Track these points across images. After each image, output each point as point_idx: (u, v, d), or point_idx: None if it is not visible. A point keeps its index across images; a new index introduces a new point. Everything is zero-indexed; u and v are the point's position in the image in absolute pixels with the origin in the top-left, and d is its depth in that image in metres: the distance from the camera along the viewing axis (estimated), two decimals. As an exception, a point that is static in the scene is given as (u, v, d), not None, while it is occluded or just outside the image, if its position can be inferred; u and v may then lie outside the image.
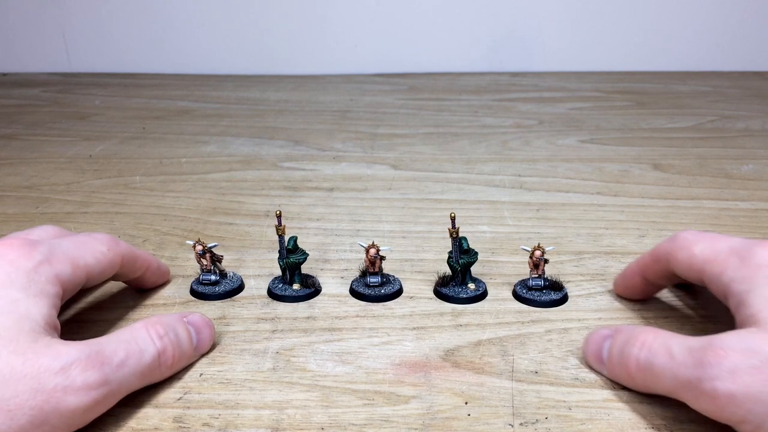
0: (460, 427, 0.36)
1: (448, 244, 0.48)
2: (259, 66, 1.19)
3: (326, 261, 0.54)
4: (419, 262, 0.53)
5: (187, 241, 0.52)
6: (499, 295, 0.49)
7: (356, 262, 0.53)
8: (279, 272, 0.51)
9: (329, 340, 0.44)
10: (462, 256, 0.48)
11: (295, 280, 0.49)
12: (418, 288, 0.50)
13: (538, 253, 0.47)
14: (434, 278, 0.50)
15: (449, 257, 0.48)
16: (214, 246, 0.49)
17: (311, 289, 0.49)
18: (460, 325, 0.45)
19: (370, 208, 0.64)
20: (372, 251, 0.48)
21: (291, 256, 0.48)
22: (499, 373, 0.40)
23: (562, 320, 0.46)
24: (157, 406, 0.37)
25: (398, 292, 0.49)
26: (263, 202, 0.65)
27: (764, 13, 1.15)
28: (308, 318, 0.46)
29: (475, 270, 0.51)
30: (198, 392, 0.39)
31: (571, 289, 0.49)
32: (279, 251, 0.49)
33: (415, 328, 0.45)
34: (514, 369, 0.41)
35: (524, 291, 0.48)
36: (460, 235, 0.48)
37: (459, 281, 0.49)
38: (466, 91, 1.06)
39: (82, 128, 0.89)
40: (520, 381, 0.39)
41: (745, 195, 0.66)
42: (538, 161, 0.75)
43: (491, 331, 0.44)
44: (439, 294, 0.49)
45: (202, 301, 0.48)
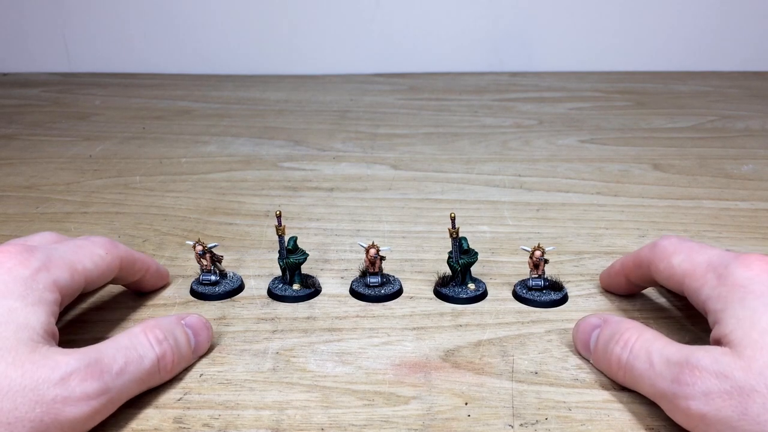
0: (460, 428, 0.36)
1: (448, 244, 0.48)
2: (259, 66, 1.19)
3: (326, 261, 0.54)
4: (419, 262, 0.53)
5: (187, 242, 0.52)
6: (499, 296, 0.49)
7: (356, 262, 0.53)
8: (279, 272, 0.51)
9: (329, 340, 0.44)
10: (462, 256, 0.48)
11: (295, 280, 0.49)
12: (418, 288, 0.50)
13: (538, 253, 0.47)
14: (434, 278, 0.50)
15: (449, 257, 0.48)
16: (214, 246, 0.49)
17: (311, 289, 0.49)
18: (460, 326, 0.45)
19: (370, 208, 0.64)
20: (372, 251, 0.48)
21: (291, 257, 0.48)
22: (499, 373, 0.40)
23: (562, 320, 0.46)
24: (157, 407, 0.37)
25: (398, 293, 0.49)
26: (263, 202, 0.65)
27: (764, 13, 1.15)
28: (308, 318, 0.46)
29: (475, 270, 0.51)
30: (198, 393, 0.39)
31: (571, 289, 0.49)
32: (279, 251, 0.49)
33: (415, 329, 0.45)
34: (514, 369, 0.41)
35: (524, 291, 0.48)
36: (460, 235, 0.48)
37: (459, 281, 0.49)
38: (466, 91, 1.06)
39: (82, 128, 0.89)
40: (520, 381, 0.39)
41: (745, 195, 0.66)
42: (538, 161, 0.75)
43: (491, 332, 0.44)
44: (439, 294, 0.49)
45: (202, 301, 0.48)
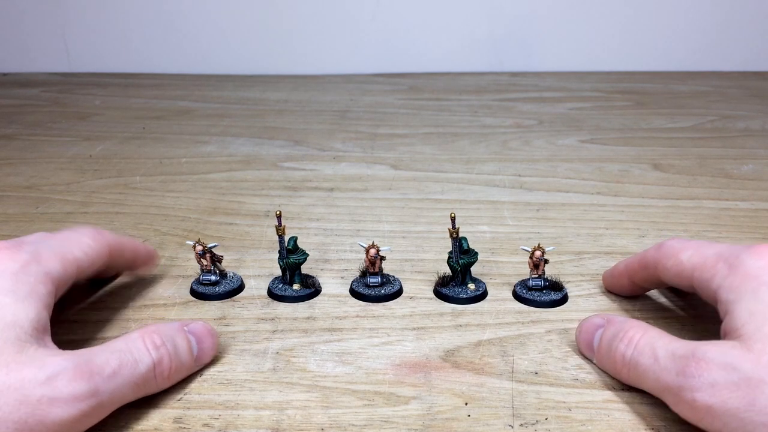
0: (460, 428, 0.36)
1: (448, 244, 0.48)
2: (259, 66, 1.19)
3: (326, 261, 0.54)
4: (419, 262, 0.53)
5: (187, 242, 0.52)
6: (499, 296, 0.49)
7: (356, 262, 0.53)
8: (279, 272, 0.51)
9: (329, 340, 0.44)
10: (462, 256, 0.48)
11: (295, 281, 0.49)
12: (418, 288, 0.50)
13: (538, 253, 0.47)
14: (434, 278, 0.50)
15: (449, 257, 0.48)
16: (214, 246, 0.49)
17: (311, 289, 0.49)
18: (460, 326, 0.45)
19: (370, 208, 0.64)
20: (372, 251, 0.48)
21: (291, 257, 0.48)
22: (499, 373, 0.40)
23: (562, 320, 0.46)
24: (157, 407, 0.37)
25: (398, 293, 0.49)
26: (263, 202, 0.65)
27: (764, 13, 1.15)
28: (308, 318, 0.46)
29: (475, 270, 0.51)
30: (198, 393, 0.39)
31: (571, 289, 0.49)
32: (279, 251, 0.49)
33: (415, 329, 0.45)
34: (514, 369, 0.41)
35: (524, 291, 0.48)
36: (460, 235, 0.48)
37: (459, 281, 0.49)
38: (466, 91, 1.06)
39: (82, 128, 0.89)
40: (520, 382, 0.39)
41: (745, 195, 0.66)
42: (538, 161, 0.75)
43: (491, 332, 0.44)
44: (439, 294, 0.49)
45: (202, 301, 0.48)
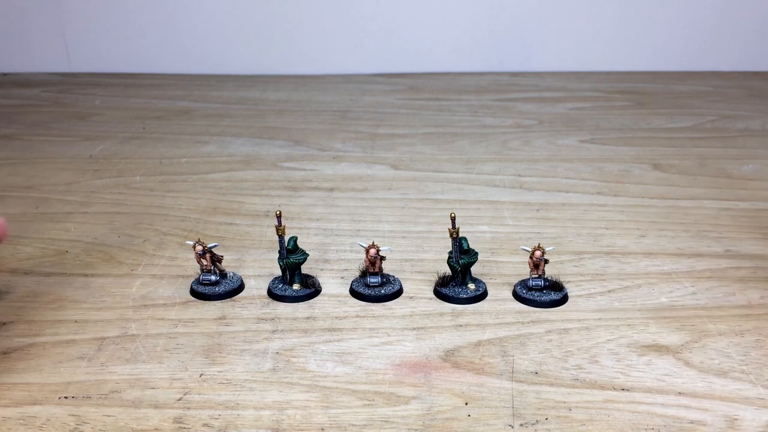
0: (461, 428, 0.36)
1: (448, 244, 0.48)
2: (259, 66, 1.19)
3: (326, 261, 0.54)
4: (419, 262, 0.53)
5: (187, 242, 0.52)
6: (499, 295, 0.49)
7: (356, 262, 0.53)
8: (279, 272, 0.51)
9: (329, 340, 0.44)
10: (462, 256, 0.48)
11: (295, 280, 0.49)
12: (418, 288, 0.50)
13: (538, 253, 0.47)
14: (434, 278, 0.50)
15: (449, 257, 0.48)
16: (214, 246, 0.49)
17: (311, 289, 0.49)
18: (460, 326, 0.45)
19: (370, 208, 0.64)
20: (372, 251, 0.48)
21: (291, 257, 0.48)
22: (499, 373, 0.40)
23: (562, 320, 0.46)
24: (157, 407, 0.37)
25: (398, 293, 0.49)
26: (263, 202, 0.65)
27: (764, 13, 1.15)
28: (308, 318, 0.46)
29: (475, 270, 0.51)
30: (198, 393, 0.39)
31: (571, 289, 0.49)
32: (279, 251, 0.49)
33: (415, 329, 0.45)
34: (514, 369, 0.41)
35: (524, 291, 0.48)
36: (460, 235, 0.48)
37: (459, 281, 0.49)
38: (466, 91, 1.06)
39: (82, 128, 0.88)
40: (520, 381, 0.39)
41: (745, 195, 0.66)
42: (538, 161, 0.75)
43: (491, 332, 0.44)
44: (439, 294, 0.49)
45: (202, 301, 0.48)
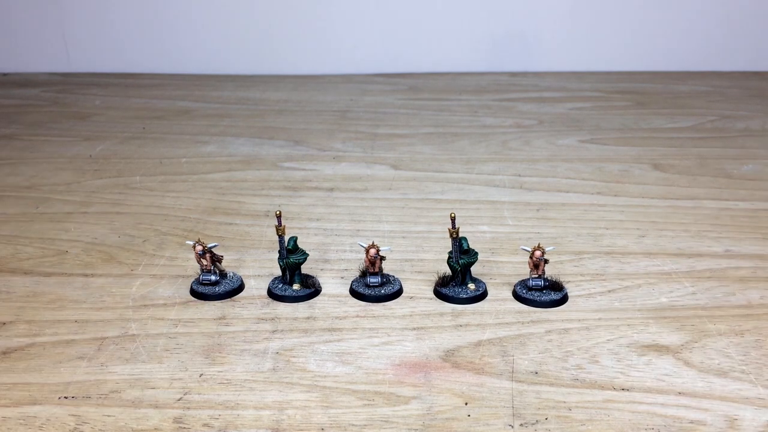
0: (460, 428, 0.36)
1: (448, 244, 0.48)
2: (259, 66, 1.19)
3: (326, 261, 0.54)
4: (419, 262, 0.53)
5: (187, 242, 0.52)
6: (499, 295, 0.49)
7: (356, 262, 0.53)
8: (279, 272, 0.51)
9: (329, 340, 0.44)
10: (462, 256, 0.48)
11: (295, 280, 0.49)
12: (418, 288, 0.50)
13: (538, 253, 0.47)
14: (434, 278, 0.50)
15: (449, 257, 0.48)
16: (214, 246, 0.49)
17: (311, 289, 0.49)
18: (460, 326, 0.45)
19: (370, 208, 0.64)
20: (372, 251, 0.48)
21: (291, 257, 0.48)
22: (499, 373, 0.40)
23: (562, 320, 0.46)
24: (157, 407, 0.37)
25: (398, 293, 0.49)
26: (263, 202, 0.65)
27: (764, 13, 1.15)
28: (308, 318, 0.46)
29: (475, 270, 0.51)
30: (198, 393, 0.39)
31: (571, 289, 0.49)
32: (279, 251, 0.49)
33: (415, 329, 0.45)
34: (514, 369, 0.40)
35: (524, 291, 0.48)
36: (460, 235, 0.48)
37: (459, 281, 0.49)
38: (466, 91, 1.06)
39: (82, 128, 0.88)
40: (520, 381, 0.39)
41: (745, 195, 0.66)
42: (538, 161, 0.75)
43: (491, 332, 0.44)
44: (439, 294, 0.49)
45: (202, 301, 0.48)
